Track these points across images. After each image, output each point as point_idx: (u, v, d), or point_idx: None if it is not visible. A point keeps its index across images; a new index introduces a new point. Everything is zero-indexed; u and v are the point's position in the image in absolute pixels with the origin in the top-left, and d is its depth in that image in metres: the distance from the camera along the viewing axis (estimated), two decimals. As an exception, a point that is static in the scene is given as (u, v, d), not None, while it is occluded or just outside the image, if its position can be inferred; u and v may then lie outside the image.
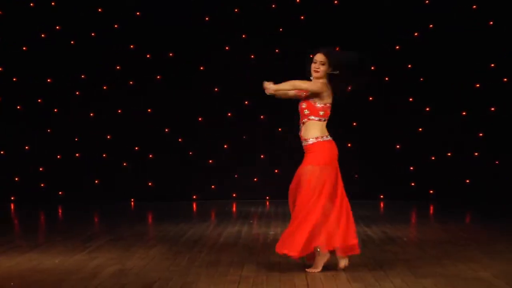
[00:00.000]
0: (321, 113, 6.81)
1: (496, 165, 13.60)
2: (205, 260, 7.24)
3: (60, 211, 12.78)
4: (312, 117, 6.77)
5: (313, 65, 6.87)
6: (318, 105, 6.81)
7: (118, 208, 13.00)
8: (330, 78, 6.89)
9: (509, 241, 8.43)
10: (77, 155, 13.92)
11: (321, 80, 6.84)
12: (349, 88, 6.90)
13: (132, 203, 13.89)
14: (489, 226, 10.14)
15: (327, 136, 6.83)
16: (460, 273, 6.45)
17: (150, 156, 13.98)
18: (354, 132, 13.72)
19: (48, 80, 13.90)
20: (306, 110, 6.79)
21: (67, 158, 13.90)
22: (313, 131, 6.75)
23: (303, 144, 6.80)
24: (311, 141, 6.74)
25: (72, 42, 13.81)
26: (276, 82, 7.04)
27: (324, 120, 6.85)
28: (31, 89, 13.86)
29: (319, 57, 6.88)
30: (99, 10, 13.79)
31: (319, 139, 6.76)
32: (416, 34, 13.68)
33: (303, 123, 6.80)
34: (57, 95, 13.87)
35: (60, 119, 13.89)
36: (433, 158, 13.78)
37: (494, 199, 13.31)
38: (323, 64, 6.87)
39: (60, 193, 13.91)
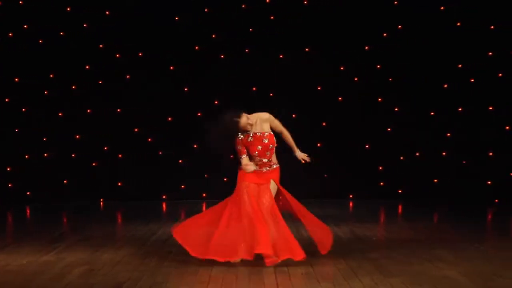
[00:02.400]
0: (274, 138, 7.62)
1: (463, 165, 13.76)
2: (174, 260, 7.25)
3: (28, 211, 12.68)
4: (274, 146, 7.61)
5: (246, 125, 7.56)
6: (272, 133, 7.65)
7: (87, 208, 12.93)
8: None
9: (475, 240, 8.54)
10: (45, 155, 13.81)
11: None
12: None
13: (101, 203, 13.83)
14: (456, 225, 10.27)
15: None
16: (427, 272, 6.53)
17: (120, 156, 13.92)
18: (324, 132, 13.79)
19: (16, 80, 13.77)
20: (271, 144, 7.55)
21: (35, 158, 13.78)
22: (275, 157, 7.67)
23: (270, 168, 7.56)
24: (275, 165, 7.64)
25: (40, 41, 13.70)
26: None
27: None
28: (-2, 88, 13.75)
29: (245, 119, 7.57)
30: (68, 9, 13.69)
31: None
32: (385, 34, 13.79)
33: (271, 154, 7.56)
34: (25, 94, 13.75)
35: (28, 118, 13.77)
36: (401, 158, 13.90)
37: (461, 199, 13.47)
38: (250, 124, 7.58)
39: (28, 193, 13.80)
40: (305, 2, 13.80)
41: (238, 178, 7.59)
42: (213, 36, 13.85)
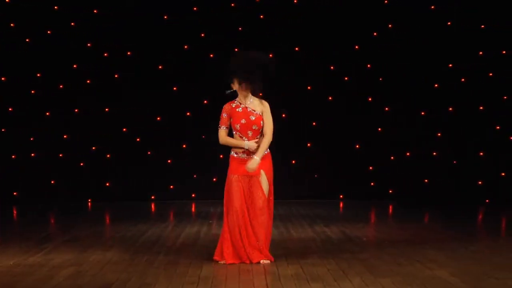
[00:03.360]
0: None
1: (454, 165, 13.82)
2: (163, 261, 7.25)
3: (15, 212, 12.65)
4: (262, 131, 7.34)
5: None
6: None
7: (75, 208, 12.90)
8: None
9: (465, 240, 8.59)
10: (32, 155, 13.78)
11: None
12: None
13: (89, 203, 13.81)
14: (446, 226, 10.32)
15: None
16: (417, 272, 6.56)
17: (108, 156, 13.91)
18: (314, 132, 13.83)
19: (3, 79, 13.73)
20: (261, 127, 7.31)
21: (22, 158, 13.75)
22: None
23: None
24: (266, 151, 7.35)
25: (27, 39, 13.67)
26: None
27: None
28: (-16, 87, 13.71)
29: None
30: (55, 7, 13.66)
31: None
32: (375, 34, 13.83)
33: (257, 138, 7.29)
34: (12, 93, 13.71)
35: (15, 118, 13.73)
36: (392, 158, 13.95)
37: (452, 199, 13.52)
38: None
39: (14, 193, 13.76)
40: (295, 1, 13.82)
41: (228, 168, 7.37)
42: (202, 35, 13.86)
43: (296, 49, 13.87)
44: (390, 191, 13.97)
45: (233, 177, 7.24)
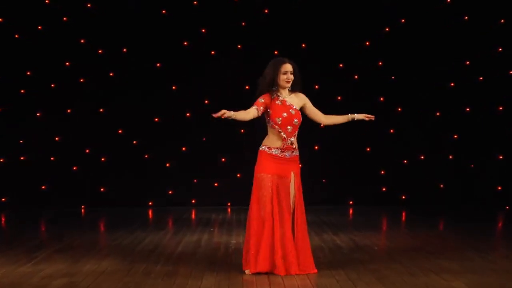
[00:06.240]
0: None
1: (471, 169, 13.83)
2: (161, 271, 7.28)
3: (3, 218, 12.69)
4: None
5: (284, 76, 7.27)
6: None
7: (67, 215, 12.94)
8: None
9: (483, 249, 8.59)
10: (22, 158, 13.82)
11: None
12: None
13: (83, 209, 13.85)
14: (463, 233, 10.32)
15: None
16: (432, 283, 6.57)
17: (102, 159, 13.95)
18: (322, 133, 13.82)
19: (-9, 77, 13.80)
20: (296, 120, 7.40)
21: (12, 162, 13.78)
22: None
23: (292, 153, 7.31)
24: (298, 152, 7.44)
25: (16, 35, 13.72)
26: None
27: None
28: (-29, 86, 13.76)
29: (289, 67, 7.29)
30: (46, 1, 13.71)
31: None
32: (387, 29, 13.86)
33: (295, 136, 7.38)
34: (0, 93, 13.75)
35: (3, 119, 13.76)
36: (405, 161, 13.97)
37: (469, 205, 13.54)
38: (292, 74, 7.31)
39: (3, 199, 13.81)
40: (302, -5, 13.86)
41: (256, 165, 7.23)
42: (203, 31, 13.89)
43: (303, 45, 13.90)
44: (403, 197, 13.99)
45: (259, 177, 7.13)
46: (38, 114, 13.85)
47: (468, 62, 13.77)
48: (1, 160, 13.81)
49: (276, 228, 7.00)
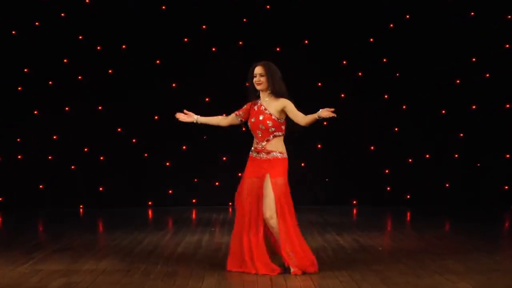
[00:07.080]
0: (283, 127, 7.35)
1: (477, 168, 13.83)
2: (161, 272, 7.28)
3: (0, 218, 12.69)
4: (278, 133, 7.31)
5: (254, 79, 7.33)
6: (281, 121, 7.34)
7: (66, 215, 12.94)
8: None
9: (490, 250, 8.58)
10: (19, 157, 13.82)
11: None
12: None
13: (81, 209, 13.85)
14: (469, 234, 10.30)
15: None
16: (437, 285, 6.57)
17: (101, 158, 13.95)
18: (325, 132, 13.81)
19: (-13, 74, 13.81)
20: (272, 128, 7.27)
21: (8, 161, 13.79)
22: (282, 145, 7.34)
23: (268, 155, 7.31)
24: (279, 155, 7.30)
25: (13, 32, 13.71)
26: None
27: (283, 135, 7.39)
28: (-32, 84, 13.77)
29: (258, 69, 7.32)
30: (44, -3, 13.73)
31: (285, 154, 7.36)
32: (391, 25, 13.85)
33: (269, 140, 7.30)
34: (-3, 90, 13.78)
35: (0, 117, 13.77)
36: (410, 160, 13.96)
37: (475, 205, 13.53)
38: (262, 76, 7.30)
39: (0, 199, 13.81)
40: (304, -9, 13.85)
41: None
42: (204, 27, 13.89)
43: (306, 42, 13.90)
44: (408, 197, 13.98)
45: (243, 179, 7.44)
46: (35, 112, 13.85)
47: (474, 59, 13.75)
48: (-2, 159, 13.83)
49: (244, 230, 7.37)
